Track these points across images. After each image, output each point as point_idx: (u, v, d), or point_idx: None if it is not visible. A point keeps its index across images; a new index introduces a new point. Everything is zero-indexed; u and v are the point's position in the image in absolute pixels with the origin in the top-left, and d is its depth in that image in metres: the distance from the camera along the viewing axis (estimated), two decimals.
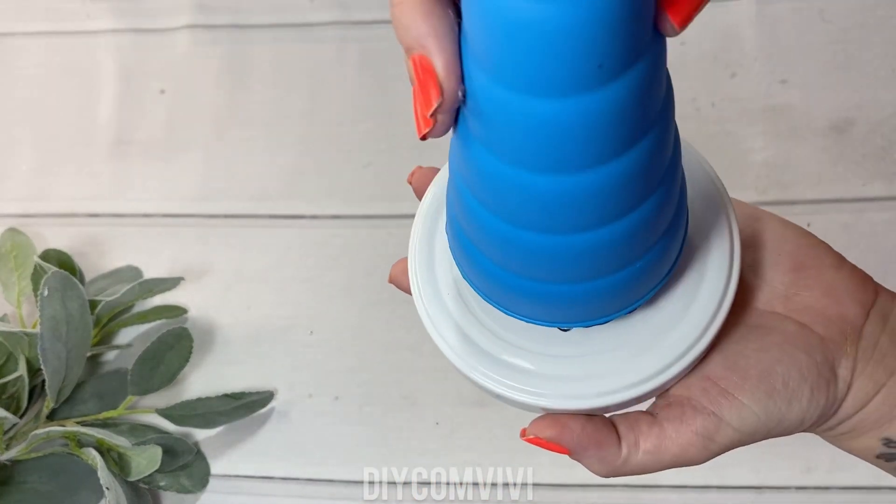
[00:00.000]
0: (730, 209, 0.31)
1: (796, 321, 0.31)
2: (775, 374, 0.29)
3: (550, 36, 0.19)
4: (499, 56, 0.20)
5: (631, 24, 0.20)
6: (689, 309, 0.29)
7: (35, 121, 0.70)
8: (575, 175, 0.22)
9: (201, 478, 0.56)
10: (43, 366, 0.52)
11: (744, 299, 0.31)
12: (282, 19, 0.70)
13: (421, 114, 0.22)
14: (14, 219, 0.66)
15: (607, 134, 0.21)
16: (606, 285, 0.26)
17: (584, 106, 0.20)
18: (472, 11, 0.20)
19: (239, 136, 0.67)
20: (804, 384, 0.29)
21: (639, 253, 0.26)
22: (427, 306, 0.31)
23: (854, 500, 0.53)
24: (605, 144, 0.21)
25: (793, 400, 0.29)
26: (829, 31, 0.63)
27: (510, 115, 0.21)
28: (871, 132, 0.60)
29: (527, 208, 0.23)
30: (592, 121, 0.21)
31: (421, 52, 0.21)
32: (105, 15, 0.72)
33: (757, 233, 0.32)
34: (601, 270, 0.25)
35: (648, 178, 0.24)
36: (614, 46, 0.20)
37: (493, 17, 0.19)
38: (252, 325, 0.61)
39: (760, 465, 0.54)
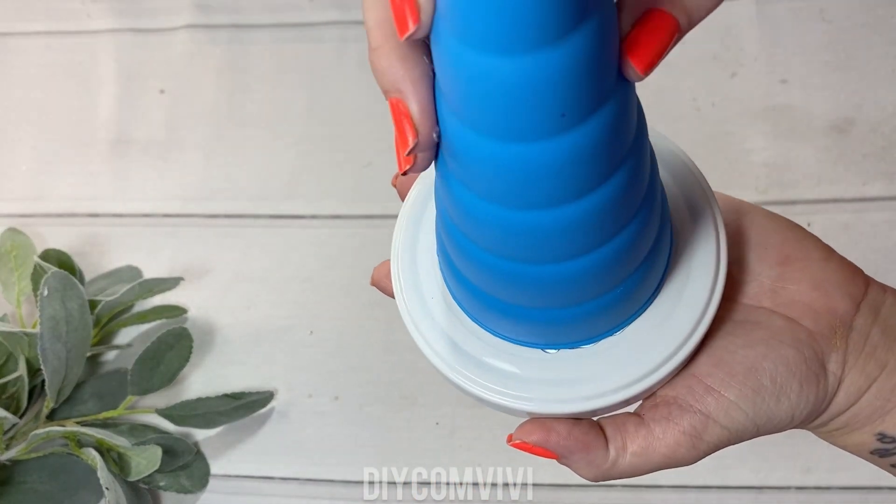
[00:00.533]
0: (715, 209, 0.30)
1: (784, 316, 0.30)
2: (762, 369, 0.29)
3: (512, 89, 0.20)
4: (466, 103, 0.21)
5: (592, 76, 0.20)
6: (674, 311, 0.29)
7: (35, 121, 0.70)
8: (546, 211, 0.23)
9: (201, 478, 0.56)
10: (43, 366, 0.52)
11: (730, 295, 0.31)
12: (281, 19, 0.70)
13: (399, 153, 0.23)
14: (14, 219, 0.66)
15: (575, 175, 0.22)
16: (589, 310, 0.27)
17: (549, 151, 0.21)
18: (440, 61, 0.21)
19: (239, 136, 0.67)
20: (792, 380, 0.29)
21: (619, 279, 0.26)
22: (410, 309, 0.31)
23: (853, 500, 0.53)
24: (574, 184, 0.22)
25: (781, 396, 0.29)
26: (829, 30, 0.63)
27: (480, 157, 0.22)
28: (872, 132, 0.60)
29: (504, 241, 0.24)
30: (558, 164, 0.22)
31: (398, 96, 0.22)
32: (105, 15, 0.72)
33: (742, 227, 0.32)
34: (582, 297, 0.26)
35: (623, 210, 0.24)
36: (576, 97, 0.20)
37: (457, 69, 0.20)
38: (252, 325, 0.61)
39: (760, 465, 0.54)
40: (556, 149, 0.21)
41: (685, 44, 0.74)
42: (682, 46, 0.67)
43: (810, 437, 0.55)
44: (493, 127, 0.21)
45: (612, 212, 0.24)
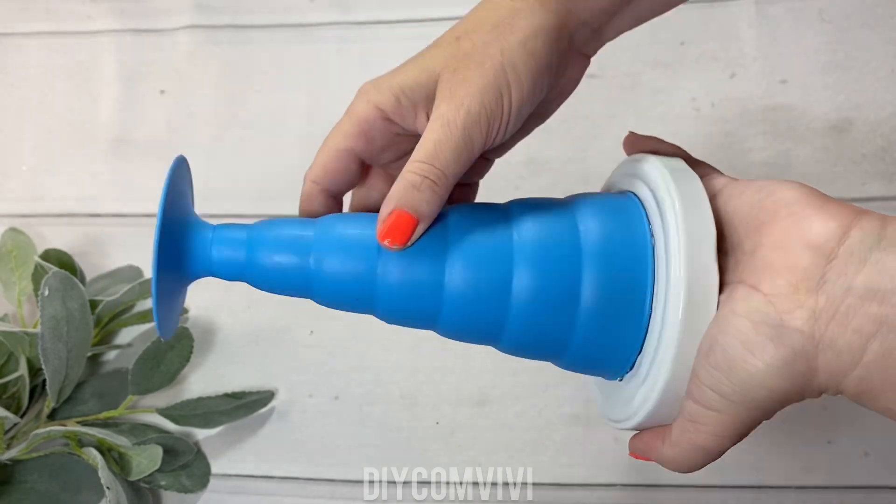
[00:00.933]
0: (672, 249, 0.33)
1: (746, 285, 0.31)
2: (718, 345, 0.30)
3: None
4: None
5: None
6: (658, 348, 0.33)
7: (36, 121, 0.70)
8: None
9: (202, 477, 0.56)
10: (44, 365, 0.52)
11: (722, 281, 0.32)
12: (282, 20, 0.70)
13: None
14: (15, 218, 0.67)
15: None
16: (570, 361, 0.35)
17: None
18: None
19: (239, 137, 0.67)
20: (743, 350, 0.30)
21: (558, 343, 0.35)
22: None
23: (853, 500, 0.53)
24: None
25: (736, 367, 0.30)
26: (828, 31, 0.63)
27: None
28: (871, 132, 0.60)
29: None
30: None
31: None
32: (106, 15, 0.72)
33: (716, 210, 0.33)
34: (547, 353, 0.36)
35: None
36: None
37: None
38: (252, 325, 0.61)
39: (760, 464, 0.54)
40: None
41: (685, 44, 0.74)
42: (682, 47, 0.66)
43: (810, 436, 0.55)
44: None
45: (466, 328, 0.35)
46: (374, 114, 0.36)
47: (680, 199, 0.32)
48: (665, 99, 0.63)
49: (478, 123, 0.33)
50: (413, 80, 0.35)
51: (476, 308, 0.34)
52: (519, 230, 0.34)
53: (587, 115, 0.64)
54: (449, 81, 0.34)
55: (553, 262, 0.33)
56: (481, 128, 0.33)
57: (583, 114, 0.64)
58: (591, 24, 0.36)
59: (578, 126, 0.64)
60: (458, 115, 0.33)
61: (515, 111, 0.34)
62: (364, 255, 0.34)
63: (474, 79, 0.33)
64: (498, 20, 0.34)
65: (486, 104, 0.33)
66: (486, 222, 0.35)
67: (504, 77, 0.33)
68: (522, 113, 0.35)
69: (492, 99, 0.33)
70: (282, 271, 0.35)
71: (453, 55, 0.34)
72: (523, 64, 0.33)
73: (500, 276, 0.33)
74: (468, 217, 0.35)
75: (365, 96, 0.36)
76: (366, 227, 0.35)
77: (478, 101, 0.33)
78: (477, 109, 0.33)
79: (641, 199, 0.35)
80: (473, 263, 0.34)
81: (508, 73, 0.33)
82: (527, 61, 0.33)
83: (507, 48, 0.33)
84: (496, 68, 0.33)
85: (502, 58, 0.33)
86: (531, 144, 0.64)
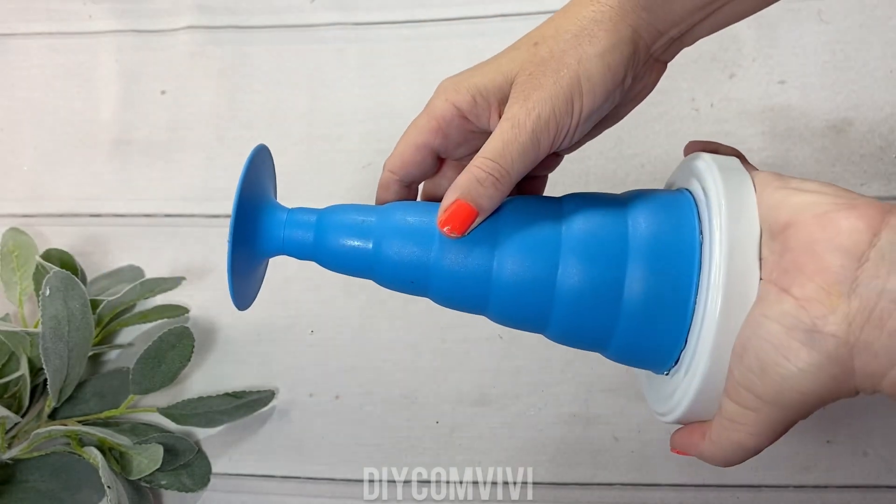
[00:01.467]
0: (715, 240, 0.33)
1: (778, 287, 0.30)
2: (750, 349, 0.31)
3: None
4: None
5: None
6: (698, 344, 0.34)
7: (37, 121, 0.70)
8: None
9: (202, 476, 0.57)
10: (45, 365, 0.52)
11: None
12: (282, 20, 0.71)
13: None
14: (16, 218, 0.67)
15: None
16: (616, 354, 0.36)
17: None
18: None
19: (240, 137, 0.67)
20: (776, 353, 0.30)
21: (603, 335, 0.35)
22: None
23: (852, 499, 0.53)
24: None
25: (768, 370, 0.30)
26: (827, 31, 0.63)
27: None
28: (870, 132, 0.60)
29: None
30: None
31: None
32: (106, 16, 0.72)
33: None
34: (592, 344, 0.37)
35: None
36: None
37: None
38: (253, 325, 0.62)
39: (759, 464, 0.54)
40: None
41: None
42: None
43: (809, 436, 0.55)
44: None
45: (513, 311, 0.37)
46: (451, 112, 0.37)
47: (726, 198, 0.33)
48: (665, 99, 0.63)
49: (546, 128, 0.34)
50: (489, 81, 0.36)
51: (521, 298, 0.35)
52: (569, 224, 0.36)
53: None
54: (523, 85, 0.35)
55: (598, 255, 0.35)
56: (549, 132, 0.34)
57: None
58: (671, 34, 0.37)
59: None
60: (528, 118, 0.34)
61: (585, 119, 0.35)
62: (420, 241, 0.37)
63: (548, 85, 0.34)
64: (578, 30, 0.35)
65: (557, 111, 0.34)
66: (537, 215, 0.36)
67: (578, 86, 0.34)
68: (592, 120, 0.36)
69: (563, 106, 0.34)
70: (346, 253, 0.37)
71: (530, 60, 0.35)
72: (599, 76, 0.34)
73: (545, 267, 0.35)
74: (521, 210, 0.37)
75: (444, 94, 0.38)
76: (424, 215, 0.37)
77: (549, 107, 0.34)
78: (547, 115, 0.34)
79: (694, 195, 0.36)
80: (520, 254, 0.35)
81: (583, 83, 0.34)
82: (602, 73, 0.34)
83: (584, 58, 0.34)
84: (571, 77, 0.34)
85: (578, 67, 0.34)
86: None
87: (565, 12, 0.36)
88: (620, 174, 0.62)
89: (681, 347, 0.35)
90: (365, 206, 0.39)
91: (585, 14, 0.35)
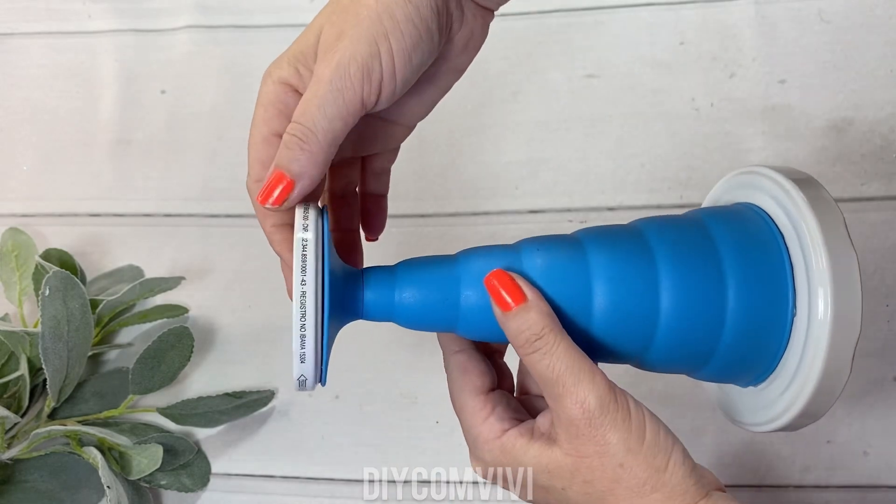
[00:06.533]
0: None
1: None
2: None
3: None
4: None
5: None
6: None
7: (37, 121, 0.70)
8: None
9: (202, 476, 0.56)
10: (44, 365, 0.52)
11: None
12: (282, 19, 0.71)
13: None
14: (15, 218, 0.67)
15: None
16: (708, 374, 0.37)
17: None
18: None
19: (239, 136, 0.67)
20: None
21: (700, 359, 0.36)
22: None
23: (851, 499, 0.53)
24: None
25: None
26: (827, 31, 0.63)
27: None
28: (870, 132, 0.60)
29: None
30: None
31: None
32: (106, 15, 0.72)
33: None
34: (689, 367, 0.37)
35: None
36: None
37: None
38: (252, 325, 0.62)
39: (759, 463, 0.54)
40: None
41: (684, 44, 0.74)
42: (682, 46, 0.66)
43: (809, 436, 0.55)
44: None
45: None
46: (281, 90, 0.35)
47: (822, 233, 0.34)
48: (665, 99, 0.63)
49: (347, 75, 0.32)
50: (304, 45, 0.34)
51: (622, 330, 0.35)
52: (659, 252, 0.35)
53: (587, 115, 0.64)
54: (326, 36, 0.33)
55: (696, 278, 0.35)
56: (353, 80, 0.32)
57: (583, 114, 0.64)
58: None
59: (578, 126, 0.64)
60: (326, 70, 0.32)
61: (400, 61, 0.33)
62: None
63: (348, 31, 0.32)
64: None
65: (359, 54, 0.32)
66: (622, 249, 0.36)
67: (381, 26, 0.32)
68: (413, 63, 0.33)
69: (364, 48, 0.32)
70: (429, 308, 0.36)
71: (333, 10, 0.33)
72: (401, 11, 0.32)
73: (646, 296, 0.35)
74: (607, 245, 0.36)
75: (268, 78, 0.35)
76: (503, 258, 0.36)
77: (348, 53, 0.32)
78: (347, 60, 0.32)
79: (769, 212, 0.37)
80: (618, 287, 0.35)
81: (385, 22, 0.32)
82: (405, 9, 0.32)
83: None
84: (371, 18, 0.32)
85: (378, 6, 0.32)
86: (531, 144, 0.65)
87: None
88: (620, 174, 0.62)
89: (777, 360, 0.36)
90: (439, 257, 0.37)
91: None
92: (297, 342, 0.33)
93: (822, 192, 0.36)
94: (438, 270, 0.36)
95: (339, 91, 0.32)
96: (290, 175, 0.33)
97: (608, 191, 0.62)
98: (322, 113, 0.32)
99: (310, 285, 0.32)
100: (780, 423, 0.36)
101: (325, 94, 0.32)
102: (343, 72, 0.32)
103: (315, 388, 0.35)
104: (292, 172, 0.33)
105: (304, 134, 0.33)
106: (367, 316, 0.37)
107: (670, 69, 0.64)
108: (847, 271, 0.33)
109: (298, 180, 0.33)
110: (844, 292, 0.33)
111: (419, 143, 0.41)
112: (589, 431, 0.32)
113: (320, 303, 0.33)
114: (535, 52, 0.66)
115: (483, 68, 0.66)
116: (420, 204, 0.63)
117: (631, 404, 0.33)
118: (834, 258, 0.33)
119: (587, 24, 0.66)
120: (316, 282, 0.32)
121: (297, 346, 0.33)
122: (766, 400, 0.37)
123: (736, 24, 0.64)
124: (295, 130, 0.33)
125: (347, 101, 0.32)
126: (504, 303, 0.34)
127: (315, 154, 0.33)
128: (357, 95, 0.32)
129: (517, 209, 0.62)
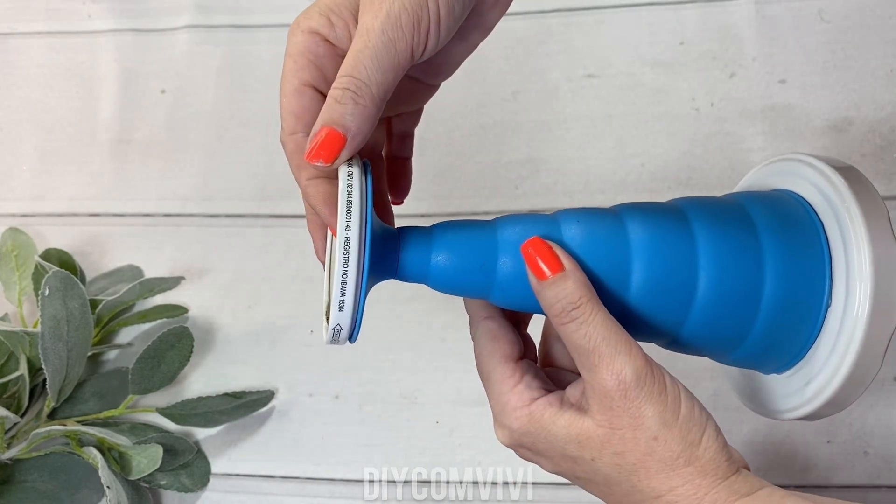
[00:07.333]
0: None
1: None
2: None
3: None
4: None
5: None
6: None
7: (36, 121, 0.70)
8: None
9: (202, 476, 0.56)
10: (44, 365, 0.52)
11: None
12: (282, 19, 0.70)
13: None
14: (15, 218, 0.67)
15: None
16: (738, 358, 0.37)
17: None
18: None
19: (239, 136, 0.67)
20: None
21: (733, 342, 0.36)
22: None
23: (852, 499, 0.53)
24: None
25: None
26: (827, 31, 0.63)
27: None
28: (870, 132, 0.60)
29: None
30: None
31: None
32: (106, 15, 0.72)
33: None
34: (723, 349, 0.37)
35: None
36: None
37: None
38: (252, 325, 0.62)
39: (760, 463, 0.54)
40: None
41: (685, 44, 0.74)
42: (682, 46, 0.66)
43: (808, 436, 0.55)
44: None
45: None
46: (311, 40, 0.35)
47: (866, 226, 0.34)
48: (665, 99, 0.63)
49: (399, 26, 0.31)
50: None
51: (658, 306, 0.35)
52: (700, 231, 0.35)
53: (587, 115, 0.64)
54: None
55: (735, 259, 0.34)
56: (404, 30, 0.31)
57: (583, 114, 0.64)
58: None
59: (578, 126, 0.64)
60: (376, 20, 0.31)
61: (445, 9, 0.32)
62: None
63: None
64: None
65: (408, 3, 0.31)
66: (665, 227, 0.35)
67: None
68: (456, 12, 0.32)
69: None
70: (465, 273, 0.35)
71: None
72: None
73: (685, 278, 0.34)
74: (647, 220, 0.35)
75: (297, 28, 0.35)
76: (540, 227, 0.35)
77: (398, 2, 0.31)
78: (397, 11, 0.31)
79: (809, 200, 0.37)
80: (656, 263, 0.34)
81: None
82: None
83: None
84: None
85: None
86: (531, 144, 0.65)
87: None
88: (620, 174, 0.62)
89: (808, 346, 0.36)
90: (476, 222, 0.36)
91: None
92: (336, 289, 0.32)
93: (866, 182, 0.35)
94: (477, 236, 0.35)
95: (391, 42, 0.31)
96: (343, 130, 0.31)
97: (608, 191, 0.62)
98: (376, 65, 0.31)
99: (354, 231, 0.31)
100: (805, 412, 0.36)
101: (378, 44, 0.31)
102: (395, 21, 0.31)
103: (345, 342, 0.34)
104: (345, 128, 0.31)
105: (358, 87, 0.31)
106: (401, 275, 0.35)
107: (670, 69, 0.64)
108: (888, 266, 0.33)
109: (350, 136, 0.32)
110: (884, 287, 0.33)
111: (419, 143, 0.41)
112: (624, 403, 0.32)
113: (364, 251, 0.31)
114: (535, 52, 0.66)
115: (483, 68, 0.66)
116: (420, 204, 0.63)
117: (667, 378, 0.33)
118: (876, 252, 0.33)
119: (587, 24, 0.66)
120: (361, 228, 0.31)
121: (336, 294, 0.32)
122: (792, 388, 0.37)
123: (736, 24, 0.64)
124: (347, 84, 0.31)
125: (400, 51, 0.31)
126: (540, 271, 0.33)
127: (368, 108, 0.32)
128: (408, 46, 0.32)
129: (517, 209, 0.62)
